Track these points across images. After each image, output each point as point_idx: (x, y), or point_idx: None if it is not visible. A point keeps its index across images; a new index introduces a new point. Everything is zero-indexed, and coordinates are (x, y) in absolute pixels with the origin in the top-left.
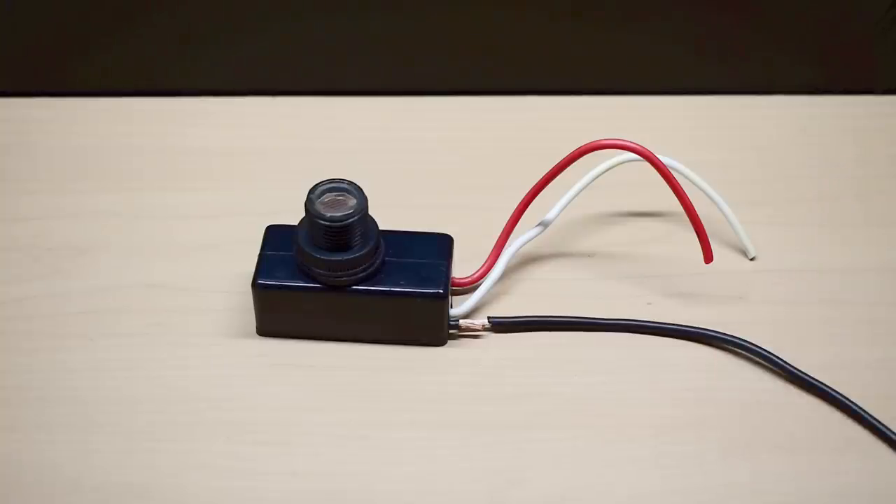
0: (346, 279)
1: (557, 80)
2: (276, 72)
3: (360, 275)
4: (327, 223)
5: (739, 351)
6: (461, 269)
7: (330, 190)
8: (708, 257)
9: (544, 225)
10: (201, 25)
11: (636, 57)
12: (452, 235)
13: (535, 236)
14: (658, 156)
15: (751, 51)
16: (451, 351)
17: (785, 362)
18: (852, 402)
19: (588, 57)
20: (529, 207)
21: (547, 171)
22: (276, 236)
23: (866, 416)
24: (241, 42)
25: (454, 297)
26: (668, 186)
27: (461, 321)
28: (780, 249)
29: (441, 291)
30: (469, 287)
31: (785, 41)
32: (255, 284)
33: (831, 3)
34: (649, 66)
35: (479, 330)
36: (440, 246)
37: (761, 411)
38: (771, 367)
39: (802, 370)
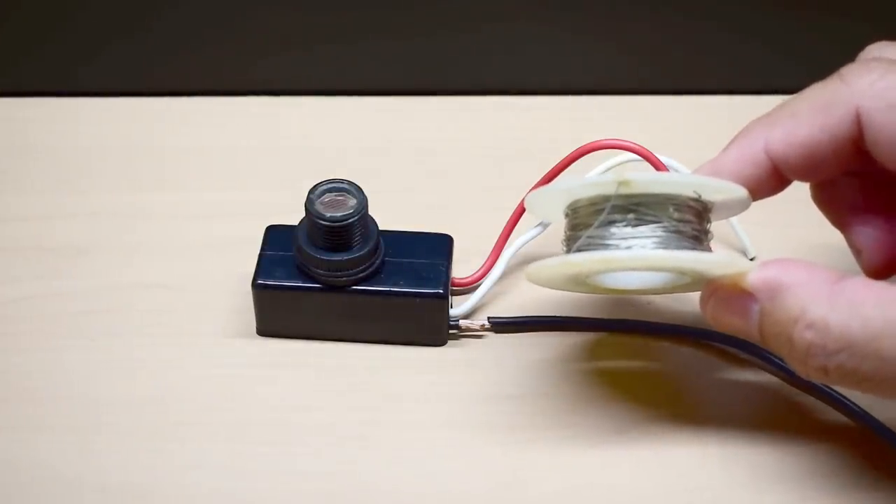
0: (346, 279)
1: (557, 80)
2: (275, 71)
3: (360, 275)
4: (327, 223)
5: (739, 351)
6: (461, 269)
7: (330, 190)
8: None
9: (544, 225)
10: (200, 25)
11: (636, 57)
12: (452, 235)
13: (535, 236)
14: (658, 156)
15: (750, 51)
16: (451, 351)
17: (784, 362)
18: (852, 403)
19: (588, 57)
20: None
21: (547, 171)
22: (275, 236)
23: (866, 416)
24: (240, 42)
25: (454, 297)
26: None
27: (461, 321)
28: (780, 249)
29: (441, 291)
30: (469, 287)
31: (785, 41)
32: (254, 284)
33: (831, 3)
34: (649, 66)
35: (479, 330)
36: (440, 246)
37: (761, 411)
38: (770, 367)
39: None
